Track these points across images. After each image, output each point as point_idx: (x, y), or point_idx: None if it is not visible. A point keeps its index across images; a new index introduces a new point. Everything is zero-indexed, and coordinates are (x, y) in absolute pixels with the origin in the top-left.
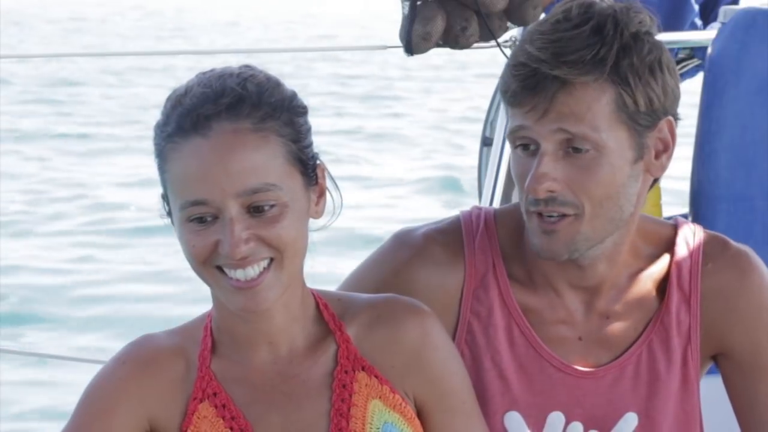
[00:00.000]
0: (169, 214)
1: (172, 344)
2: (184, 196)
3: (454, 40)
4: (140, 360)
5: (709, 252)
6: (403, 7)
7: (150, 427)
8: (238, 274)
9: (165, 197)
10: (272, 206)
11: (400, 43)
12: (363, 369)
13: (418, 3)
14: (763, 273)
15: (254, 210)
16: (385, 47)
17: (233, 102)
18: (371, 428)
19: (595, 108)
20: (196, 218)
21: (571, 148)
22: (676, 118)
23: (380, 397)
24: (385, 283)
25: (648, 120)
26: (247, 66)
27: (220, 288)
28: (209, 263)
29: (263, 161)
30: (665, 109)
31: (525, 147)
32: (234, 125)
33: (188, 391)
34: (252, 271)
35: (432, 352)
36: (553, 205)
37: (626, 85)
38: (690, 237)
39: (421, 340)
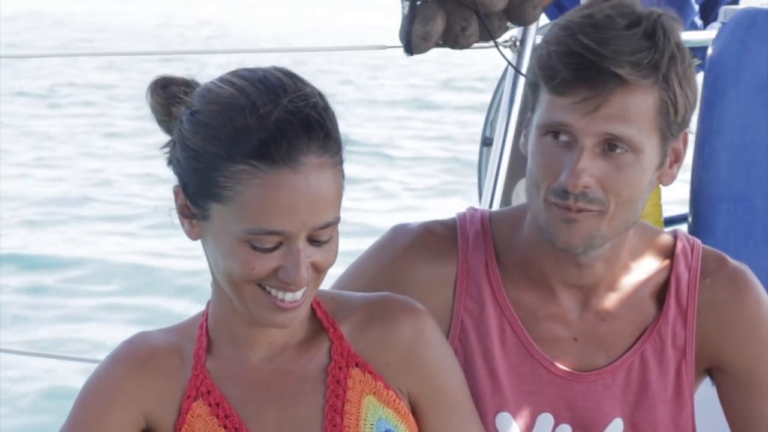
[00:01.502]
0: (189, 211)
1: (168, 342)
2: (259, 223)
3: (453, 40)
4: (136, 358)
5: (707, 267)
6: (402, 7)
7: (146, 425)
8: (288, 296)
9: (186, 191)
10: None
11: (400, 43)
12: (357, 365)
13: (418, 3)
14: (759, 290)
15: (314, 237)
16: (385, 47)
17: (323, 137)
18: (365, 424)
19: (643, 111)
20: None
21: (608, 146)
22: (689, 131)
23: (374, 393)
24: (382, 271)
25: (677, 130)
26: (294, 75)
27: (256, 304)
28: (254, 281)
29: (336, 194)
30: (688, 121)
31: (555, 135)
32: (320, 160)
33: (183, 389)
34: (300, 293)
35: (426, 350)
36: (582, 201)
37: (672, 93)
38: (689, 250)
39: (415, 337)
